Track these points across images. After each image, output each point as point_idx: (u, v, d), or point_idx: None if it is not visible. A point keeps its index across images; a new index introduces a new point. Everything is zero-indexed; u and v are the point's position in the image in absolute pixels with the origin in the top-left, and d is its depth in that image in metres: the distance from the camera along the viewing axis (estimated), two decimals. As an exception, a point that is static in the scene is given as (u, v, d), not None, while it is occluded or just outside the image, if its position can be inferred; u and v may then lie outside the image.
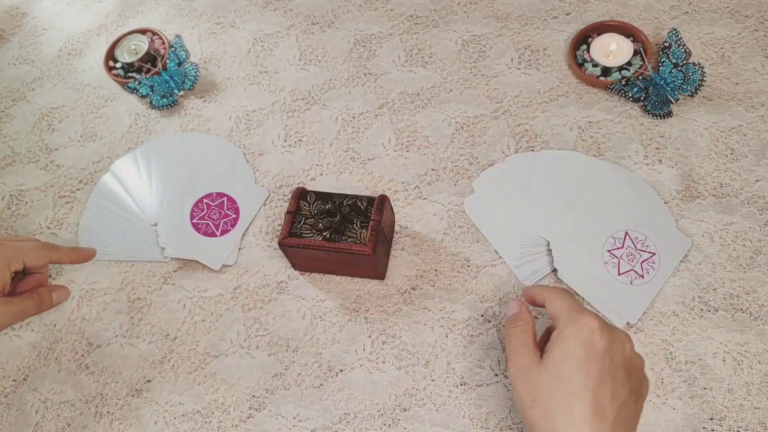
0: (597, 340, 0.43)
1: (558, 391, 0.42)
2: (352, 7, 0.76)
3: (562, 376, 0.42)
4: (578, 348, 0.43)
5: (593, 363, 0.42)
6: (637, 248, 0.57)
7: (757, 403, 0.50)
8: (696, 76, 0.63)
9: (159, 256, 0.63)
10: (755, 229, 0.57)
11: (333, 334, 0.57)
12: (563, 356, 0.43)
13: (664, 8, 0.71)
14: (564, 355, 0.43)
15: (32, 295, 0.53)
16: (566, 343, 0.43)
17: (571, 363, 0.42)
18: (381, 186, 0.64)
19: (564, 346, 0.43)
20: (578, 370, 0.42)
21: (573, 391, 0.42)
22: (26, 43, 0.80)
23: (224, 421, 0.54)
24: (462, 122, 0.66)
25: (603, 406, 0.41)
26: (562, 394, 0.42)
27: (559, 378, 0.42)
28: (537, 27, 0.72)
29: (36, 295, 0.54)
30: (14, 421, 0.57)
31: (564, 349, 0.43)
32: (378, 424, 0.53)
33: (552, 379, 0.43)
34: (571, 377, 0.42)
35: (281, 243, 0.55)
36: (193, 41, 0.77)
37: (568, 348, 0.43)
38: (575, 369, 0.42)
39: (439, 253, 0.60)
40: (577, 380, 0.42)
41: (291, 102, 0.70)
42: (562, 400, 0.42)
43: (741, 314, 0.54)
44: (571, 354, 0.43)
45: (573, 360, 0.42)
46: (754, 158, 0.61)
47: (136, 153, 0.69)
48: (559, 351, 0.43)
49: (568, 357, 0.43)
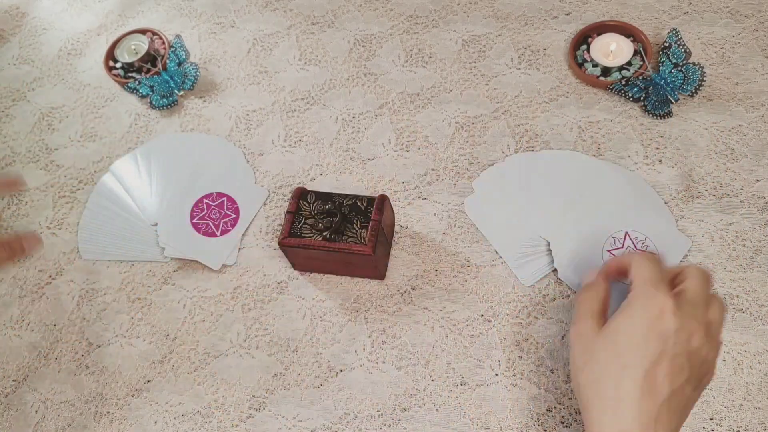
0: (666, 320, 0.41)
1: (611, 360, 0.41)
2: (352, 7, 0.76)
3: (619, 347, 0.41)
4: (643, 322, 0.41)
5: (654, 341, 0.40)
6: (637, 248, 0.57)
7: (757, 403, 0.50)
8: (696, 76, 0.63)
9: (159, 256, 0.63)
10: (755, 229, 0.57)
11: (333, 334, 0.57)
12: (625, 327, 0.42)
13: (664, 8, 0.71)
14: (626, 325, 0.42)
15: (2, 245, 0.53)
16: (632, 315, 0.42)
17: (631, 336, 0.41)
18: (381, 186, 0.64)
19: (628, 317, 0.42)
20: (636, 345, 0.40)
21: (625, 363, 0.40)
22: (26, 43, 0.80)
23: (224, 421, 0.54)
24: (462, 122, 0.67)
25: (654, 387, 0.39)
26: (614, 365, 0.41)
27: (615, 347, 0.41)
28: (537, 27, 0.72)
29: (6, 245, 0.54)
30: (14, 421, 0.57)
31: (628, 320, 0.42)
32: (378, 424, 0.53)
33: (608, 347, 0.42)
34: (628, 350, 0.41)
35: (281, 243, 0.55)
36: (193, 41, 0.77)
37: (633, 320, 0.42)
38: (634, 343, 0.41)
39: (439, 253, 0.60)
40: (633, 354, 0.40)
41: (291, 102, 0.70)
42: (613, 371, 0.41)
43: (741, 314, 0.54)
44: (634, 326, 0.41)
45: (634, 333, 0.41)
46: (754, 158, 0.61)
47: (136, 153, 0.69)
48: (622, 321, 0.42)
49: (630, 329, 0.41)
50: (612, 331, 0.42)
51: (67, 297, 0.62)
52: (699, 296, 0.43)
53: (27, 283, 0.63)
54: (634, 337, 0.41)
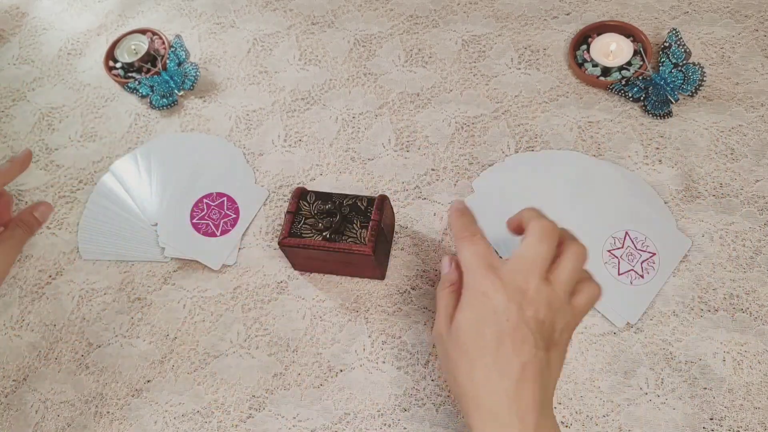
0: (491, 296, 0.41)
1: (460, 357, 0.42)
2: (352, 7, 0.76)
3: (461, 343, 0.42)
4: (473, 311, 0.42)
5: (488, 326, 0.41)
6: (637, 248, 0.57)
7: (757, 403, 0.50)
8: (696, 76, 0.63)
9: (159, 256, 0.63)
10: (755, 229, 0.57)
11: (333, 334, 0.57)
12: (462, 321, 0.42)
13: (664, 8, 0.71)
14: (462, 320, 0.42)
15: (18, 223, 0.54)
16: (463, 308, 0.43)
17: (468, 328, 0.42)
18: (381, 186, 0.64)
19: (462, 311, 0.43)
20: (475, 335, 0.41)
21: (471, 357, 0.41)
22: (26, 43, 0.80)
23: (224, 421, 0.54)
24: (462, 122, 0.66)
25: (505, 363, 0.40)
26: (463, 361, 0.42)
27: (458, 343, 0.42)
28: (537, 27, 0.72)
29: (20, 221, 0.54)
30: (14, 421, 0.57)
31: (462, 314, 0.43)
32: (378, 424, 0.53)
33: (455, 345, 0.43)
34: (469, 342, 0.42)
35: (281, 243, 0.55)
36: (193, 41, 0.77)
37: (465, 312, 0.42)
38: (472, 334, 0.42)
39: (439, 253, 0.60)
40: (475, 345, 0.41)
41: (291, 102, 0.70)
42: (464, 368, 0.42)
43: (741, 314, 0.54)
44: (468, 318, 0.42)
45: (470, 325, 0.42)
46: (754, 158, 0.61)
47: (136, 153, 0.69)
48: (459, 316, 0.43)
49: (466, 322, 0.42)
50: (455, 329, 0.43)
51: (67, 297, 0.62)
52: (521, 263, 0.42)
53: (27, 283, 0.63)
54: (470, 329, 0.42)
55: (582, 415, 0.51)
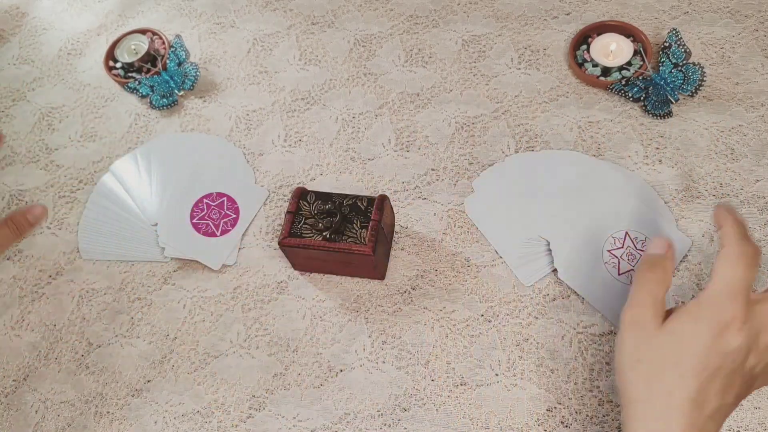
0: (731, 336, 0.39)
1: (669, 365, 0.39)
2: (352, 7, 0.76)
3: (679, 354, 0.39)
4: (709, 332, 0.39)
5: (714, 357, 0.39)
6: (637, 248, 0.57)
7: (757, 403, 0.50)
8: (696, 76, 0.63)
9: (159, 256, 0.63)
10: (755, 229, 0.57)
11: (333, 334, 0.57)
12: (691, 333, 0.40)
13: (664, 8, 0.71)
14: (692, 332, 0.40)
15: (6, 222, 0.53)
16: (699, 321, 0.40)
17: (695, 345, 0.39)
18: (381, 186, 0.64)
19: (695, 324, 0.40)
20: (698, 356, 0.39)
21: (683, 373, 0.39)
22: (26, 43, 0.80)
23: (224, 421, 0.54)
24: (462, 122, 0.67)
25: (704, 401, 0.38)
26: (671, 371, 0.39)
27: (675, 353, 0.39)
28: (537, 27, 0.72)
29: (10, 222, 0.53)
30: (14, 421, 0.57)
31: (693, 326, 0.40)
32: (378, 424, 0.53)
33: (668, 349, 0.40)
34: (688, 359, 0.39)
35: (281, 243, 0.55)
36: (193, 41, 0.77)
37: (699, 327, 0.40)
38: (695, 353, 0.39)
39: (439, 253, 0.60)
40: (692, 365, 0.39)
41: (291, 102, 0.70)
42: (669, 377, 0.39)
43: (741, 314, 0.54)
44: (700, 335, 0.39)
45: (698, 342, 0.39)
46: (754, 158, 0.61)
47: (136, 153, 0.69)
48: (688, 324, 0.40)
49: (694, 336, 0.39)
50: (676, 333, 0.40)
51: (67, 297, 0.62)
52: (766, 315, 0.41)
53: (27, 283, 0.63)
54: (697, 346, 0.39)
55: (582, 415, 0.51)
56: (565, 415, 0.52)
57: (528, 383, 0.53)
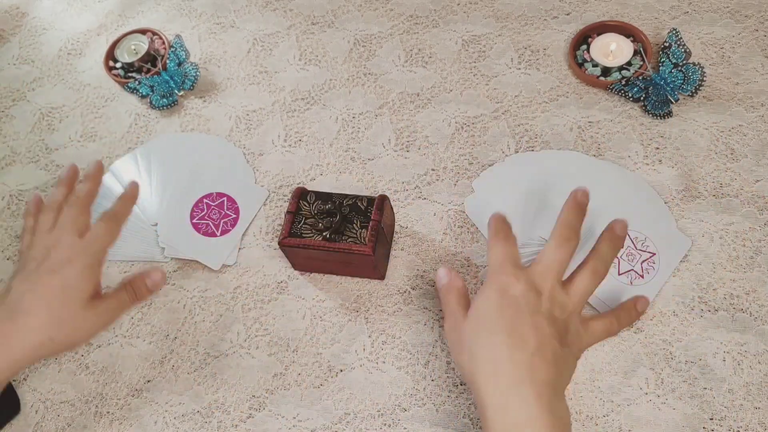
0: (513, 285, 0.45)
1: (479, 333, 0.46)
2: (352, 7, 0.76)
3: (481, 321, 0.46)
4: (495, 295, 0.46)
5: (508, 308, 0.45)
6: (637, 248, 0.57)
7: (757, 403, 0.50)
8: (696, 76, 0.63)
9: (159, 256, 0.63)
10: (755, 229, 0.57)
11: (333, 334, 0.57)
12: (482, 303, 0.46)
13: (664, 8, 0.71)
14: (483, 302, 0.46)
15: (125, 287, 0.52)
16: (485, 293, 0.47)
17: (488, 309, 0.46)
18: (381, 186, 0.64)
19: (483, 296, 0.47)
20: (495, 314, 0.45)
21: (490, 330, 0.45)
22: (26, 43, 0.80)
23: (224, 421, 0.54)
24: (462, 122, 0.67)
25: (520, 341, 0.43)
26: (484, 337, 0.45)
27: (478, 322, 0.46)
28: (537, 27, 0.72)
29: (129, 287, 0.52)
30: (14, 421, 0.56)
31: (483, 298, 0.47)
32: (378, 424, 0.53)
33: (474, 326, 0.46)
34: (489, 320, 0.45)
35: (281, 243, 0.55)
36: (193, 41, 0.77)
37: (487, 295, 0.46)
38: (492, 313, 0.45)
39: (439, 253, 0.60)
40: (494, 322, 0.45)
41: (291, 102, 0.70)
42: (484, 341, 0.45)
43: (741, 314, 0.54)
44: (489, 301, 0.46)
45: (490, 306, 0.46)
46: (754, 158, 0.61)
47: (136, 153, 0.69)
48: (479, 300, 0.47)
49: (486, 304, 0.46)
50: (473, 312, 0.47)
51: (67, 297, 0.62)
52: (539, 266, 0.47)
53: (27, 283, 0.63)
54: (490, 309, 0.46)
55: (582, 415, 0.51)
56: (565, 415, 0.52)
57: (528, 383, 0.53)
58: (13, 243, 0.66)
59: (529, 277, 0.46)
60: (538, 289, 0.46)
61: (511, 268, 0.47)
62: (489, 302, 0.46)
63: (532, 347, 0.43)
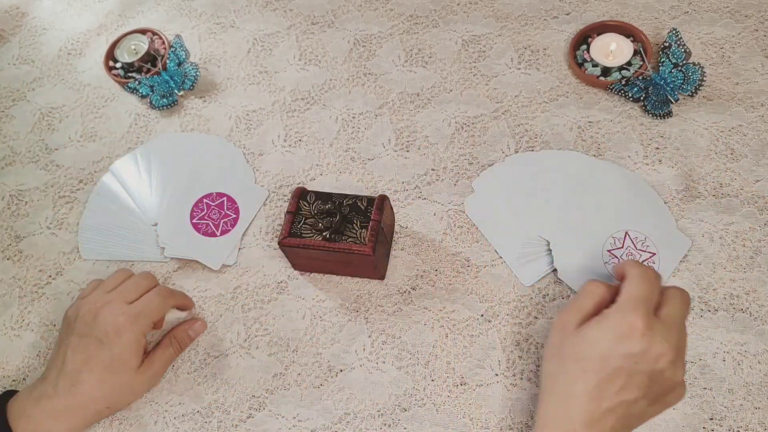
0: (632, 341, 0.43)
1: (574, 361, 0.44)
2: (352, 7, 0.76)
3: (583, 352, 0.44)
4: (609, 336, 0.43)
5: (615, 358, 0.43)
6: (637, 248, 0.57)
7: (757, 403, 0.50)
8: (696, 76, 0.63)
9: (159, 256, 0.63)
10: (755, 229, 0.57)
11: (333, 334, 0.57)
12: (593, 335, 0.44)
13: (664, 8, 0.71)
14: (595, 334, 0.44)
15: (171, 341, 0.56)
16: (602, 326, 0.44)
17: (596, 345, 0.44)
18: (381, 186, 0.64)
19: (599, 327, 0.44)
20: (598, 355, 0.43)
21: (584, 368, 0.44)
22: (26, 43, 0.80)
23: (224, 421, 0.54)
24: (462, 122, 0.67)
25: (602, 395, 0.43)
26: (574, 366, 0.44)
27: (580, 350, 0.44)
28: (537, 27, 0.72)
29: (174, 340, 0.56)
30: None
31: (597, 329, 0.44)
32: (378, 424, 0.53)
33: (575, 347, 0.45)
34: (590, 357, 0.44)
35: (281, 243, 0.55)
36: (193, 41, 0.77)
37: (602, 331, 0.44)
38: (596, 352, 0.43)
39: (439, 253, 0.60)
40: (593, 363, 0.43)
41: (291, 102, 0.70)
42: (572, 371, 0.44)
43: (741, 314, 0.54)
44: (601, 338, 0.44)
45: (598, 344, 0.44)
46: (754, 158, 0.61)
47: (136, 153, 0.69)
48: (593, 328, 0.45)
49: (596, 338, 0.44)
50: (583, 335, 0.45)
51: (67, 297, 0.62)
52: (674, 320, 0.45)
53: (27, 283, 0.63)
54: (597, 347, 0.44)
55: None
56: (565, 415, 0.52)
57: (528, 383, 0.53)
58: (12, 243, 0.66)
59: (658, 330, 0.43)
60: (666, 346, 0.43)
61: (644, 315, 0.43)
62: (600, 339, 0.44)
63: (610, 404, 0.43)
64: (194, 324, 0.57)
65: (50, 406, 0.50)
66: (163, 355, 0.55)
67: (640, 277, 0.46)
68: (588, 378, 0.43)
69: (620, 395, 0.43)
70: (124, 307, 0.52)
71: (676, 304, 0.45)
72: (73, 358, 0.51)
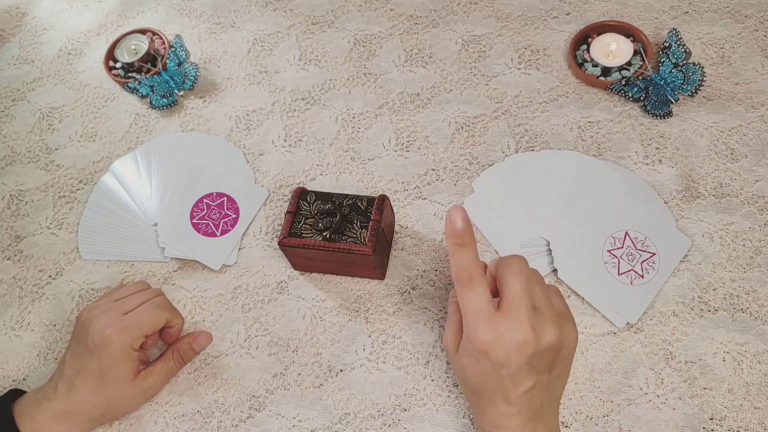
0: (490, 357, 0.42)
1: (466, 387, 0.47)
2: (352, 7, 0.76)
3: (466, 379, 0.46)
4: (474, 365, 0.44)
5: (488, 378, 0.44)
6: (637, 248, 0.57)
7: (757, 403, 0.50)
8: (696, 76, 0.63)
9: (159, 256, 0.63)
10: (755, 229, 0.57)
11: (333, 334, 0.57)
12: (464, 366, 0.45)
13: (664, 8, 0.71)
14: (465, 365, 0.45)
15: (173, 354, 0.55)
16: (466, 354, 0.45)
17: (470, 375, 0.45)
18: (381, 186, 0.64)
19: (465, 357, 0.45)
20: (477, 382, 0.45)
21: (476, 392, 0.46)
22: (26, 43, 0.80)
23: (224, 421, 0.54)
24: (462, 122, 0.67)
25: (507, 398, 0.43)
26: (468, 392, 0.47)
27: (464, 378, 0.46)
28: (537, 27, 0.72)
29: (176, 353, 0.55)
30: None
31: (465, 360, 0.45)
32: (378, 424, 0.53)
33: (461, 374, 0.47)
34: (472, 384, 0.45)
35: (281, 243, 0.55)
36: (193, 41, 0.77)
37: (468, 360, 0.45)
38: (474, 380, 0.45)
39: (439, 253, 0.60)
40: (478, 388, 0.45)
41: (291, 102, 0.70)
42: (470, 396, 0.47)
43: (741, 314, 0.54)
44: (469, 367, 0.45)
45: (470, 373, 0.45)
46: (754, 158, 0.61)
47: (136, 153, 0.69)
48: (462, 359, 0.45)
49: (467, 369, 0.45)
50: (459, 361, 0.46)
51: (67, 297, 0.62)
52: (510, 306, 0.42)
53: (27, 283, 0.63)
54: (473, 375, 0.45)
55: (582, 415, 0.51)
56: (565, 415, 0.52)
57: (528, 383, 0.53)
58: (13, 243, 0.66)
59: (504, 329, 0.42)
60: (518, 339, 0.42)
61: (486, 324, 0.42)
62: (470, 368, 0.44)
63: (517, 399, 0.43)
64: (198, 337, 0.55)
65: (50, 409, 0.50)
66: (163, 369, 0.54)
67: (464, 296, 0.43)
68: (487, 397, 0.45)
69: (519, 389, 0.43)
70: (115, 318, 0.51)
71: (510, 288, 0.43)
72: (71, 363, 0.52)
